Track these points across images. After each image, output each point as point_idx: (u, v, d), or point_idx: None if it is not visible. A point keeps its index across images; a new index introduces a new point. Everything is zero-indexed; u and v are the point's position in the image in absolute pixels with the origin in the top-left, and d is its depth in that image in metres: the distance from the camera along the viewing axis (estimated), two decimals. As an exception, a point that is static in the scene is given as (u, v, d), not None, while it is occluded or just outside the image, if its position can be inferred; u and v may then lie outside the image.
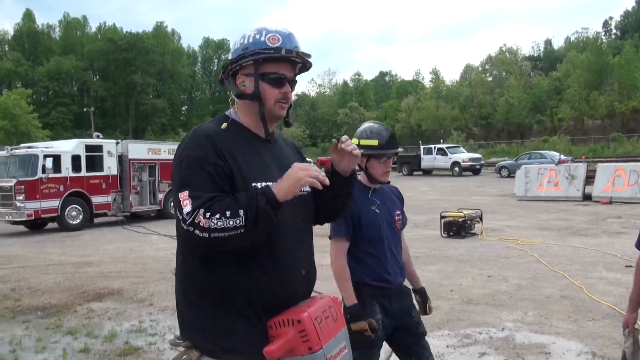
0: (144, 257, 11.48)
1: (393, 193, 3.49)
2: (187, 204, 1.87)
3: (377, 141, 3.24)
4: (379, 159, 3.25)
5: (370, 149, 3.23)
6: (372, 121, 3.45)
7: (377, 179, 3.30)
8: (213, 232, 1.84)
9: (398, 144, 3.38)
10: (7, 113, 54.74)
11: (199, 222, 1.84)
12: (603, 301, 6.78)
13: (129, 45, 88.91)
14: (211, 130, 2.07)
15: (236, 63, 2.13)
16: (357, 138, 3.27)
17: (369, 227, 3.23)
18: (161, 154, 19.64)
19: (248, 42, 2.10)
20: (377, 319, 3.18)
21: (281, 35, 2.10)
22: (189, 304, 2.11)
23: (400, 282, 3.33)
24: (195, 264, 2.06)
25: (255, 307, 2.02)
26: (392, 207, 3.39)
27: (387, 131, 3.30)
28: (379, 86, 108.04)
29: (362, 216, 3.24)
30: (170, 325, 6.41)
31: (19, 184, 16.04)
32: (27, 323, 6.75)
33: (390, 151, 3.28)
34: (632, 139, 49.45)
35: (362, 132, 3.33)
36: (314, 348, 1.96)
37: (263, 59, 2.08)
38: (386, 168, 3.30)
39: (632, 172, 18.33)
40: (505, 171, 34.29)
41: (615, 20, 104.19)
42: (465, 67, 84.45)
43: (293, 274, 2.13)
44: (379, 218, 3.28)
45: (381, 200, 3.33)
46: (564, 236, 12.11)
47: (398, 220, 3.37)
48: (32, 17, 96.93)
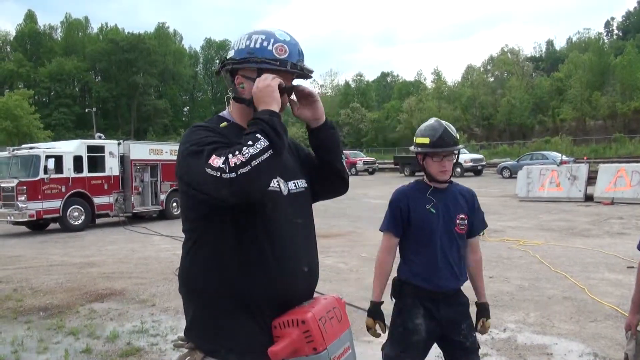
0: (146, 257, 11.48)
1: (463, 196, 3.29)
2: (217, 161, 1.83)
3: (428, 139, 3.15)
4: (432, 157, 3.15)
5: (422, 147, 3.17)
6: (434, 119, 3.31)
7: (434, 177, 3.19)
8: (252, 161, 1.82)
9: (457, 140, 3.18)
10: (9, 114, 54.90)
11: (236, 163, 1.80)
12: (605, 302, 6.77)
13: (130, 46, 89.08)
14: (207, 125, 2.09)
15: (239, 64, 2.11)
16: (415, 137, 3.25)
17: (419, 226, 3.18)
18: (163, 155, 19.62)
19: (254, 47, 2.08)
20: (416, 323, 3.15)
21: (288, 46, 2.10)
22: (193, 304, 2.12)
23: (452, 289, 3.19)
24: (200, 266, 2.06)
25: (258, 305, 2.02)
26: (456, 209, 3.21)
27: (441, 128, 3.16)
28: (380, 87, 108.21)
29: (413, 214, 3.20)
30: (172, 326, 6.41)
31: (20, 185, 16.04)
32: (29, 323, 6.75)
33: (442, 149, 3.13)
34: (634, 140, 49.45)
35: (418, 129, 3.27)
36: (319, 348, 1.96)
37: (266, 69, 2.08)
38: (442, 167, 3.15)
39: (634, 173, 18.31)
40: (507, 172, 34.26)
41: (617, 21, 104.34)
42: (467, 67, 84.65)
43: (295, 271, 2.13)
44: (434, 218, 3.16)
45: (441, 201, 3.20)
46: (565, 237, 12.10)
47: (460, 225, 3.18)
48: (34, 18, 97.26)
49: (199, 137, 1.97)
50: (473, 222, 3.25)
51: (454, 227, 3.16)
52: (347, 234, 13.75)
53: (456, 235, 3.18)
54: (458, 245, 3.18)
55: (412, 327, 3.18)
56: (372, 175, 44.74)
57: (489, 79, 77.83)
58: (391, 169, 47.35)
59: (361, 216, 17.64)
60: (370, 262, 9.89)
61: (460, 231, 3.18)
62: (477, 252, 3.33)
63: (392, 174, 43.92)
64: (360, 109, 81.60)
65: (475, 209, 3.27)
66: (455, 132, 3.20)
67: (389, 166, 48.59)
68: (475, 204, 3.30)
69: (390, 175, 42.87)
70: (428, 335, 3.16)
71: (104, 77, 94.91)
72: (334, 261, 9.95)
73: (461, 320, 3.18)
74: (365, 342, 5.70)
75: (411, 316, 3.17)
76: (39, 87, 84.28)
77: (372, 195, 25.20)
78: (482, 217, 3.34)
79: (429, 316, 3.14)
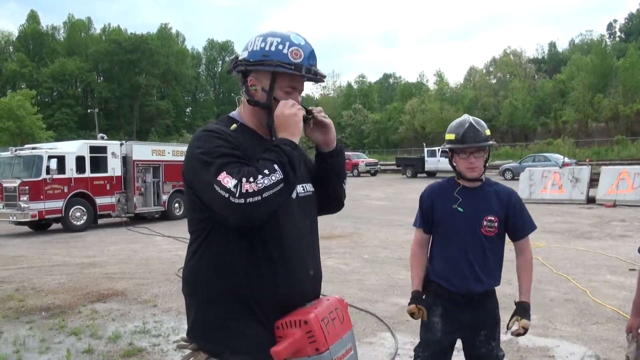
0: (148, 258, 11.48)
1: (497, 196, 3.14)
2: (228, 180, 1.83)
3: (454, 135, 3.10)
4: (459, 153, 3.08)
5: (449, 143, 3.13)
6: (465, 115, 3.23)
7: (462, 175, 3.10)
8: (264, 192, 1.83)
9: (486, 137, 3.07)
10: (11, 114, 54.94)
11: (247, 190, 1.81)
12: (607, 304, 6.76)
13: (133, 47, 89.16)
14: (219, 129, 2.06)
15: (253, 66, 2.10)
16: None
17: (442, 225, 3.15)
18: (165, 156, 19.64)
19: (269, 50, 2.07)
20: (433, 321, 3.14)
21: (303, 50, 2.09)
22: (198, 306, 2.11)
23: (473, 292, 3.08)
24: (206, 268, 2.06)
25: (265, 309, 2.03)
26: (485, 210, 3.09)
27: (466, 123, 3.08)
28: (383, 88, 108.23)
29: (436, 212, 3.17)
30: (174, 327, 6.41)
31: (23, 185, 16.06)
32: (31, 323, 6.75)
33: (466, 145, 3.03)
34: (636, 142, 49.38)
35: (449, 126, 3.21)
36: (321, 349, 1.97)
37: (280, 72, 2.08)
38: (469, 164, 3.05)
39: (636, 175, 18.30)
40: (509, 174, 34.22)
41: (620, 23, 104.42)
42: (469, 69, 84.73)
43: (302, 274, 2.14)
44: (458, 218, 3.08)
45: (469, 200, 3.10)
46: (567, 239, 12.09)
47: (487, 226, 3.06)
48: (36, 18, 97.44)
49: (210, 146, 1.96)
50: (511, 224, 3.12)
51: (479, 229, 3.06)
52: (348, 235, 13.75)
53: (482, 237, 3.07)
54: (484, 247, 3.07)
55: (428, 325, 3.19)
56: (374, 176, 44.74)
57: (491, 80, 77.83)
58: (393, 170, 47.39)
59: (363, 217, 17.63)
60: (371, 263, 9.92)
61: (487, 233, 3.07)
62: (524, 254, 3.19)
63: (394, 176, 43.93)
64: (363, 111, 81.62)
65: (513, 211, 3.12)
66: (485, 127, 3.11)
67: (391, 167, 48.64)
68: (513, 205, 3.13)
69: (392, 177, 42.89)
70: (445, 336, 3.13)
71: (107, 78, 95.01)
72: (336, 262, 9.95)
73: (481, 326, 3.11)
74: (367, 343, 5.71)
75: (429, 314, 3.16)
76: (42, 88, 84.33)
77: (374, 197, 25.22)
78: (524, 219, 3.16)
79: (446, 316, 3.11)
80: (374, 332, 6.08)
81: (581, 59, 67.20)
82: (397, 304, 7.16)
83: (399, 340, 5.73)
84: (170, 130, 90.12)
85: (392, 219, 16.03)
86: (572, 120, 63.43)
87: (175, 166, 19.38)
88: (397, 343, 5.66)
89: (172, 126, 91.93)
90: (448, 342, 3.16)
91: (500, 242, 3.14)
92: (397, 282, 8.38)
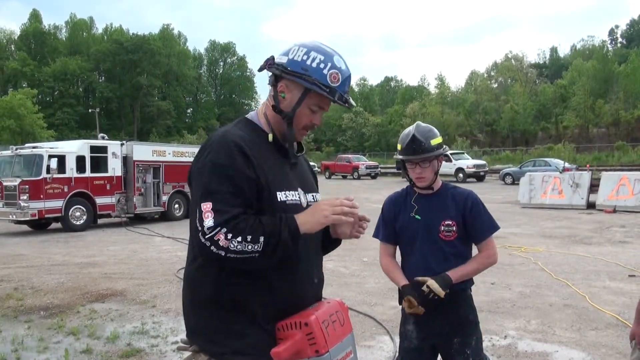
0: (147, 258, 11.48)
1: (454, 200, 3.12)
2: (209, 216, 1.84)
3: (399, 145, 3.11)
4: (407, 163, 3.09)
5: (398, 153, 3.13)
6: (415, 124, 3.19)
7: (414, 183, 3.13)
8: (229, 253, 1.84)
9: (430, 147, 3.02)
10: (12, 113, 54.99)
11: (217, 240, 1.82)
12: (606, 310, 6.75)
13: (135, 47, 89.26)
14: (239, 137, 2.03)
15: (288, 75, 2.07)
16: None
17: (402, 232, 3.16)
18: (166, 156, 19.64)
19: (310, 66, 2.05)
20: (407, 329, 3.14)
21: (342, 75, 2.09)
22: (199, 309, 2.10)
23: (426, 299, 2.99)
24: (210, 272, 2.04)
25: (268, 314, 2.03)
26: (441, 215, 3.07)
27: (410, 134, 3.07)
28: (384, 91, 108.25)
29: (397, 221, 3.17)
30: (173, 328, 6.41)
31: (23, 184, 16.07)
32: (30, 323, 6.75)
33: (408, 157, 3.05)
34: (637, 148, 49.38)
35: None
36: (321, 351, 1.97)
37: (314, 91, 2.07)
38: (416, 174, 3.07)
39: (636, 181, 18.28)
40: (510, 178, 34.22)
41: (621, 29, 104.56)
42: (470, 73, 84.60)
43: (307, 283, 2.16)
44: (416, 225, 3.09)
45: (425, 207, 3.11)
46: (567, 244, 12.08)
47: (445, 231, 3.04)
48: (38, 17, 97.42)
49: (217, 178, 1.93)
50: (469, 226, 3.08)
51: (437, 234, 3.05)
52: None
53: (441, 243, 3.05)
54: (445, 252, 3.04)
55: (403, 332, 3.20)
56: (374, 179, 44.73)
57: (492, 85, 77.83)
58: (393, 173, 47.36)
59: (363, 220, 17.56)
60: (371, 266, 9.90)
61: (446, 238, 3.04)
62: (485, 251, 3.14)
63: (394, 179, 43.91)
64: (364, 113, 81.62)
65: (471, 213, 3.08)
66: (432, 136, 3.06)
67: (392, 171, 48.60)
68: (470, 208, 3.09)
69: (392, 180, 42.87)
70: (421, 344, 3.11)
71: (108, 78, 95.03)
72: (335, 265, 9.94)
73: (453, 333, 3.06)
74: (366, 346, 5.71)
75: (404, 322, 3.18)
76: (43, 87, 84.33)
77: (374, 200, 25.18)
78: (484, 219, 3.12)
79: (419, 323, 3.09)
80: (373, 335, 6.08)
81: (582, 64, 67.30)
82: (396, 307, 7.13)
83: (397, 344, 5.71)
84: (171, 130, 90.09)
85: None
86: (573, 125, 63.46)
87: (176, 167, 19.39)
88: (395, 347, 5.65)
89: (173, 127, 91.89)
90: (427, 347, 3.13)
91: (464, 246, 3.11)
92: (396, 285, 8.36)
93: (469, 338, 3.08)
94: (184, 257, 2.21)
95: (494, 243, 3.18)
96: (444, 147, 3.12)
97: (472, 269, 3.08)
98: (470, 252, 3.17)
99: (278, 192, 2.03)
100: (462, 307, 3.10)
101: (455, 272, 2.98)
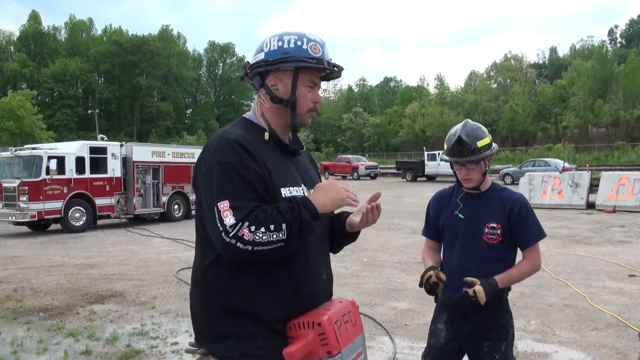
0: (147, 259, 11.47)
1: (501, 203, 3.03)
2: (228, 215, 1.83)
3: (446, 146, 3.05)
4: (453, 164, 3.05)
5: (444, 153, 3.10)
6: (462, 123, 3.09)
7: (460, 183, 3.09)
8: (257, 246, 1.83)
9: (476, 149, 2.94)
10: (11, 114, 54.96)
11: (242, 235, 1.81)
12: (606, 310, 6.75)
13: (134, 48, 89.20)
14: (238, 135, 2.02)
15: (273, 65, 2.08)
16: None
17: (445, 231, 3.14)
18: (165, 157, 19.63)
19: (288, 47, 2.07)
20: (438, 327, 3.12)
21: (320, 44, 2.11)
22: (208, 312, 2.07)
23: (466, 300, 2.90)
24: (218, 273, 2.02)
25: (278, 313, 2.01)
26: (487, 217, 3.00)
27: (456, 137, 2.97)
28: (383, 92, 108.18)
29: (440, 219, 3.16)
30: (172, 329, 6.40)
31: (22, 185, 16.04)
32: (29, 324, 6.74)
33: (454, 159, 2.99)
34: (637, 148, 49.43)
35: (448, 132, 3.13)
36: (333, 352, 1.95)
37: (303, 68, 2.08)
38: (462, 175, 3.01)
39: (636, 181, 18.30)
40: (509, 178, 34.22)
41: (621, 29, 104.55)
42: (470, 73, 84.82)
43: (316, 279, 2.14)
44: (459, 225, 3.05)
45: (470, 207, 3.05)
46: (567, 244, 12.08)
47: (489, 234, 2.96)
48: (38, 18, 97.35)
49: (228, 177, 1.92)
50: (514, 232, 2.99)
51: (480, 236, 2.98)
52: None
53: (484, 245, 2.98)
54: (487, 255, 2.97)
55: (433, 330, 3.18)
56: (373, 179, 44.74)
57: (492, 85, 77.88)
58: (393, 173, 47.41)
59: (362, 221, 17.56)
60: (370, 266, 9.91)
61: (490, 241, 2.96)
62: (529, 259, 3.01)
63: (394, 179, 43.95)
64: (363, 114, 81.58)
65: (518, 218, 2.98)
66: (478, 137, 2.97)
67: (391, 171, 48.66)
68: (517, 212, 2.99)
69: (392, 180, 42.90)
70: (448, 343, 3.08)
71: (108, 79, 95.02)
72: (335, 265, 9.84)
73: (483, 337, 3.00)
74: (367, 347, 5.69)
75: (435, 319, 3.16)
76: (42, 88, 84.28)
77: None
78: (534, 226, 3.01)
79: (450, 323, 3.06)
80: (373, 336, 6.06)
81: (582, 64, 67.32)
82: (396, 307, 7.15)
83: (397, 345, 5.72)
84: (171, 131, 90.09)
85: (392, 223, 15.99)
86: (573, 125, 63.46)
87: (175, 168, 19.40)
88: (395, 347, 5.64)
89: (172, 128, 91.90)
90: (452, 349, 3.10)
91: (508, 251, 3.03)
92: (396, 286, 8.37)
93: (499, 342, 3.01)
94: (183, 258, 2.21)
95: (539, 250, 3.08)
96: (493, 147, 3.04)
97: (518, 276, 2.99)
98: (513, 257, 3.08)
99: (282, 188, 2.02)
100: (497, 310, 3.02)
101: (502, 279, 2.89)
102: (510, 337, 3.08)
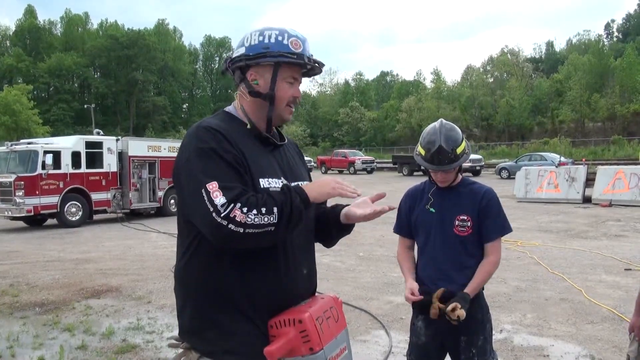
0: (143, 254, 11.46)
1: (472, 196, 3.04)
2: (218, 195, 1.80)
3: (424, 152, 3.01)
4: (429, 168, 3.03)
5: (419, 158, 3.05)
6: (437, 124, 3.04)
7: (435, 182, 3.10)
8: (248, 228, 1.80)
9: (455, 157, 2.94)
10: (7, 109, 54.79)
11: (234, 217, 1.79)
12: (602, 304, 6.76)
13: (130, 43, 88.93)
14: (216, 124, 2.02)
15: (253, 60, 2.08)
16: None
17: (418, 226, 3.13)
18: (161, 152, 19.62)
19: (269, 42, 2.07)
20: (417, 325, 3.12)
21: (301, 40, 2.11)
22: (190, 305, 2.08)
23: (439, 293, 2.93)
24: (198, 266, 2.03)
25: (258, 308, 2.00)
26: (457, 209, 3.01)
27: (437, 144, 2.94)
28: (380, 86, 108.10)
29: (414, 214, 3.15)
30: (168, 324, 6.40)
31: (18, 180, 16.02)
32: (25, 319, 6.73)
33: (434, 167, 2.97)
34: (633, 142, 49.49)
35: (422, 134, 3.10)
36: (315, 348, 1.94)
37: (283, 63, 2.08)
38: (437, 178, 3.04)
39: (632, 175, 18.33)
40: (505, 172, 34.31)
41: (617, 23, 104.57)
42: (466, 68, 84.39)
43: (296, 274, 2.11)
44: (431, 219, 3.06)
45: (441, 200, 3.05)
46: (563, 238, 12.10)
47: (459, 226, 2.97)
48: (33, 13, 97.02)
49: (212, 160, 1.91)
50: (483, 225, 3.00)
51: (451, 229, 2.99)
52: (344, 233, 13.69)
53: (455, 238, 2.99)
54: (459, 247, 2.99)
55: (413, 328, 3.17)
56: (370, 174, 44.75)
57: (488, 79, 77.80)
58: (389, 168, 47.43)
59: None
60: (367, 260, 9.92)
61: (461, 233, 2.98)
62: (490, 255, 3.02)
63: (391, 174, 43.93)
64: (360, 108, 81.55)
65: (486, 211, 3.00)
66: (456, 143, 2.95)
67: (388, 165, 48.68)
68: (486, 206, 3.01)
69: (388, 175, 42.88)
70: (430, 340, 3.07)
71: (103, 73, 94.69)
72: (331, 260, 9.94)
73: (460, 332, 2.97)
74: (361, 341, 5.70)
75: (414, 317, 3.16)
76: (38, 83, 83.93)
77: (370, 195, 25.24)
78: (498, 220, 3.02)
79: (428, 319, 3.02)
80: (368, 330, 6.07)
81: (578, 58, 67.29)
82: (392, 301, 7.16)
83: (393, 339, 5.72)
84: (167, 126, 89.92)
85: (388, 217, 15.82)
86: (569, 119, 63.57)
87: (171, 162, 19.00)
88: (391, 341, 5.65)
89: (168, 122, 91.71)
90: (434, 346, 3.09)
91: (479, 243, 3.04)
92: (392, 280, 8.37)
93: (476, 337, 3.01)
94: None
95: (500, 247, 3.08)
96: (468, 150, 3.03)
97: (483, 279, 3.00)
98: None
99: (261, 178, 2.00)
100: (472, 305, 2.95)
101: (473, 289, 2.93)
102: (488, 331, 3.08)
